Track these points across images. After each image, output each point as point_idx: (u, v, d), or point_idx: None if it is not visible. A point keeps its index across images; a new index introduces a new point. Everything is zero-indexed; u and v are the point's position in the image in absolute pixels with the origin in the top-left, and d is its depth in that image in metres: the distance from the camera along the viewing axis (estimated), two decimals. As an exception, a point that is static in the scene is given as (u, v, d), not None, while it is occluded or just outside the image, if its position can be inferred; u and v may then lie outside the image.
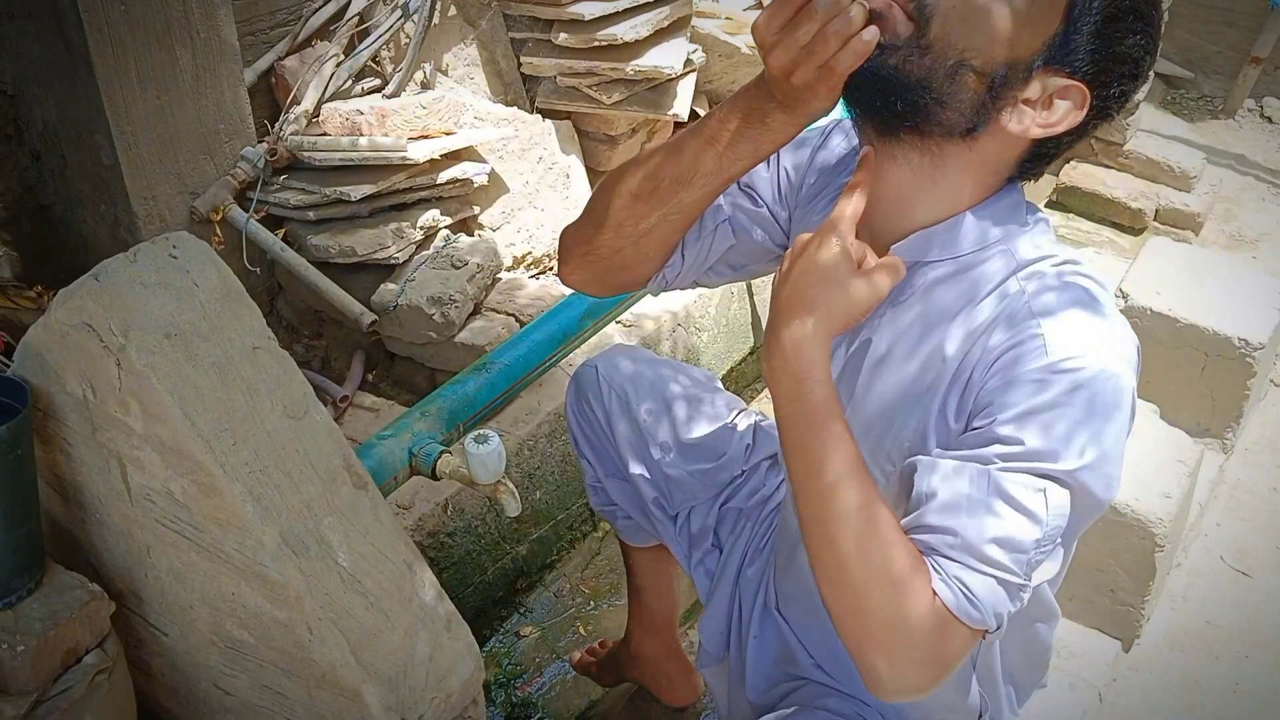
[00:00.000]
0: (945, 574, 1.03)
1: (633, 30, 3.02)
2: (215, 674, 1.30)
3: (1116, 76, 1.07)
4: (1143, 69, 1.08)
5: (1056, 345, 1.04)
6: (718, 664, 1.57)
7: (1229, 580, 2.26)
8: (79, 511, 1.27)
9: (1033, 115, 1.06)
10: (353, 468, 1.24)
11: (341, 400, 2.50)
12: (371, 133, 2.64)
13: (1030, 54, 1.03)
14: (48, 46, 2.29)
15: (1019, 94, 1.05)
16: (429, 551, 2.21)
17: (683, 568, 1.66)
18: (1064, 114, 1.06)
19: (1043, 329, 1.06)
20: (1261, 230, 3.53)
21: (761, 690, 1.47)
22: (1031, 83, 1.05)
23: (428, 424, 1.55)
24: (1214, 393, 2.42)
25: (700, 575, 1.62)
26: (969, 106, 1.05)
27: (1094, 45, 1.04)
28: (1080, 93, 1.05)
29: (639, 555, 1.82)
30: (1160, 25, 1.08)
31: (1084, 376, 1.03)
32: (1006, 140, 1.09)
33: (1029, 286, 1.10)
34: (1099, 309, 1.09)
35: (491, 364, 1.70)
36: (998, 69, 1.03)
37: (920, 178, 1.11)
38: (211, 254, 1.21)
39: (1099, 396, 1.04)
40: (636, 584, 1.87)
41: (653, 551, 1.80)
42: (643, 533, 1.74)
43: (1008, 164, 1.12)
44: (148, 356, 1.10)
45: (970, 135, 1.07)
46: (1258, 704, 2.01)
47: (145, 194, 2.43)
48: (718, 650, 1.56)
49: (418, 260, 2.67)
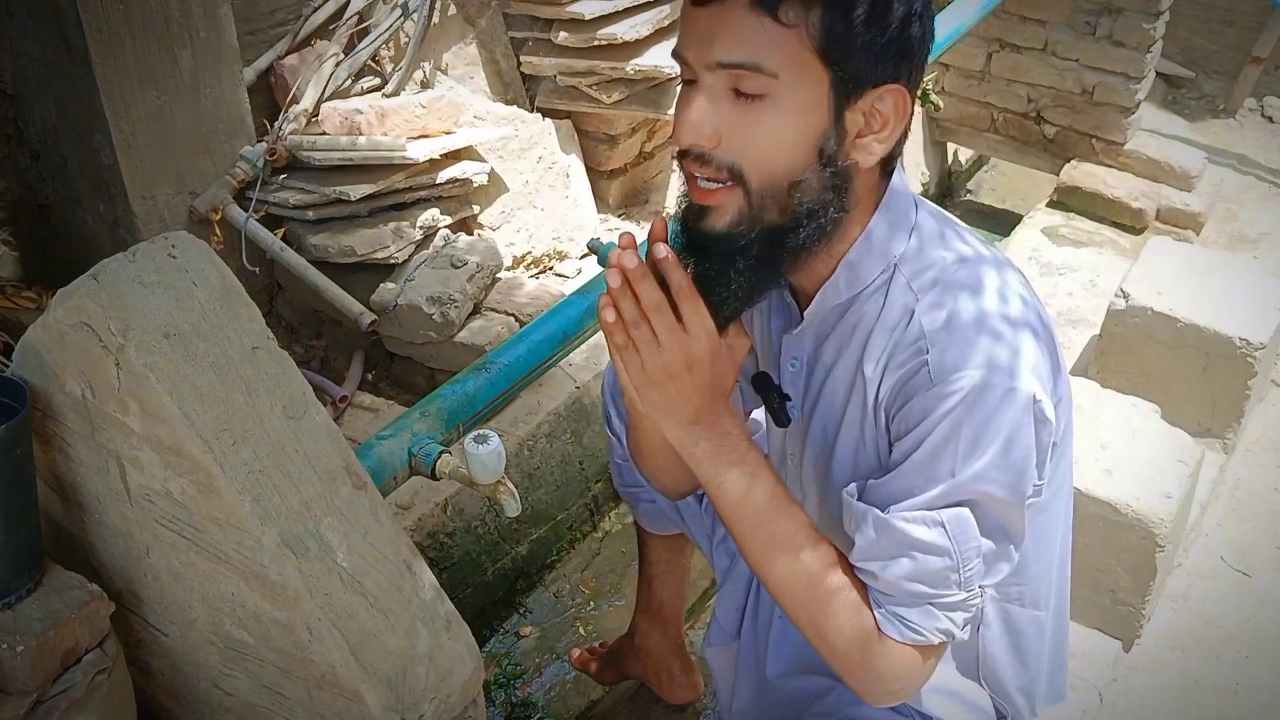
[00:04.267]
0: (885, 610, 1.11)
1: (633, 30, 3.02)
2: (215, 674, 1.30)
3: (903, 46, 1.02)
4: (921, 21, 1.03)
5: (938, 368, 1.06)
6: (730, 641, 1.57)
7: (1229, 580, 2.26)
8: (78, 511, 1.27)
9: (872, 138, 1.05)
10: (352, 468, 1.24)
11: (341, 400, 2.50)
12: (371, 132, 2.64)
13: (830, 115, 1.02)
14: (48, 46, 2.28)
15: (849, 140, 1.04)
16: (429, 551, 2.21)
17: (701, 548, 1.68)
18: (893, 114, 1.04)
19: (929, 351, 1.07)
20: (1262, 230, 3.53)
21: (782, 671, 1.48)
22: (849, 125, 1.04)
23: (427, 424, 1.54)
24: (1215, 393, 2.42)
25: (721, 554, 1.63)
26: (828, 190, 1.05)
27: (868, 55, 1.01)
28: (893, 94, 1.03)
29: (654, 542, 1.83)
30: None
31: (967, 393, 1.04)
32: (869, 172, 1.09)
33: (919, 305, 1.10)
34: (985, 311, 1.08)
35: (491, 364, 1.70)
36: (819, 153, 1.03)
37: (825, 254, 1.12)
38: (211, 254, 1.21)
39: (982, 408, 1.05)
40: (649, 572, 1.87)
41: (669, 540, 1.81)
42: (663, 519, 1.74)
43: (874, 181, 1.12)
44: (147, 356, 1.10)
45: (843, 197, 1.07)
46: (1258, 704, 2.01)
47: (144, 194, 2.43)
48: (732, 627, 1.58)
49: (417, 260, 2.67)
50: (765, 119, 1.00)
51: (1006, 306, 1.10)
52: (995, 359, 1.06)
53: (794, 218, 1.05)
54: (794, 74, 0.99)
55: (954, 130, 3.84)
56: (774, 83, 0.99)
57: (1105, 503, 1.95)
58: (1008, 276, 1.14)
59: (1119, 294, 2.45)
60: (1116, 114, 3.45)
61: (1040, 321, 1.13)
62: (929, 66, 3.06)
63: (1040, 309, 1.15)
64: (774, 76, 0.99)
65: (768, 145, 1.01)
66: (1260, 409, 2.67)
